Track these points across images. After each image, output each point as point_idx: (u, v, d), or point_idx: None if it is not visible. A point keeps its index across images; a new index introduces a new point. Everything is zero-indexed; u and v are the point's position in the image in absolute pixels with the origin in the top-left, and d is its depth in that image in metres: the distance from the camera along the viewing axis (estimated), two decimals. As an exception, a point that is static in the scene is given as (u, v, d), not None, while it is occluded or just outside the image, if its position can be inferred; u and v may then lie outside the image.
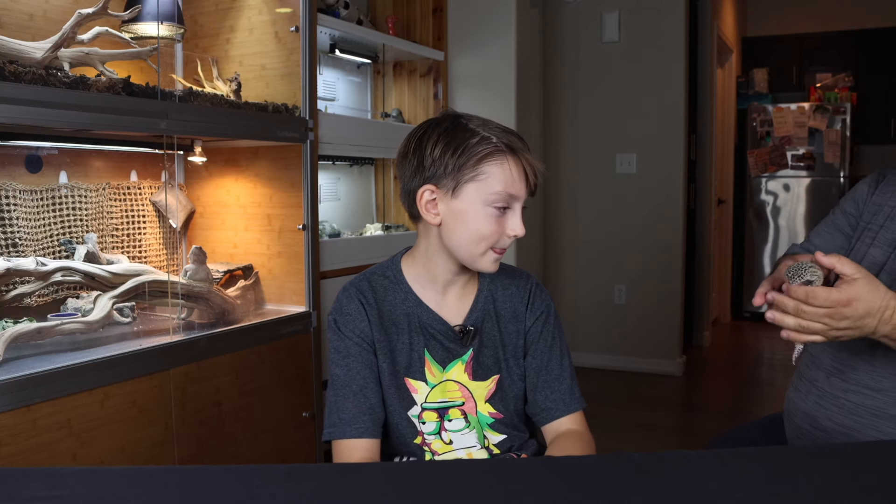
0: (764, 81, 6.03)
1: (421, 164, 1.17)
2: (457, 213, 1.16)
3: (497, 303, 1.27)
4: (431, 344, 1.22)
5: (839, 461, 0.99)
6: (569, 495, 0.88)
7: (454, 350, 1.22)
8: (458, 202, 1.15)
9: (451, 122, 1.17)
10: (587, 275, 4.44)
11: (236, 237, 2.50)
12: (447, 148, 1.14)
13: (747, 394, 4.00)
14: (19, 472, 0.99)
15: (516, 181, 1.14)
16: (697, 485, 0.88)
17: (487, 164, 1.13)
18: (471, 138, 1.14)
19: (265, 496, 0.86)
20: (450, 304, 1.25)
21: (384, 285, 1.24)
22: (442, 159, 1.14)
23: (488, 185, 1.13)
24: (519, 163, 1.15)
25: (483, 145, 1.13)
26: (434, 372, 1.21)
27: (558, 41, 4.37)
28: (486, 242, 1.16)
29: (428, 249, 1.23)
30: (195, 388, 1.98)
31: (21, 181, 1.98)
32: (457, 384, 1.22)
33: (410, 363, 1.21)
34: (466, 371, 1.23)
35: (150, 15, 2.14)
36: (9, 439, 1.54)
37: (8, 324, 1.72)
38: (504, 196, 1.14)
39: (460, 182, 1.14)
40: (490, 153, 1.13)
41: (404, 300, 1.23)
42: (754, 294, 1.21)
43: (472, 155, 1.13)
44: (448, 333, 1.22)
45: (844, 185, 5.65)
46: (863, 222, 1.37)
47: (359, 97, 3.38)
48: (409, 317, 1.22)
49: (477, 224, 1.15)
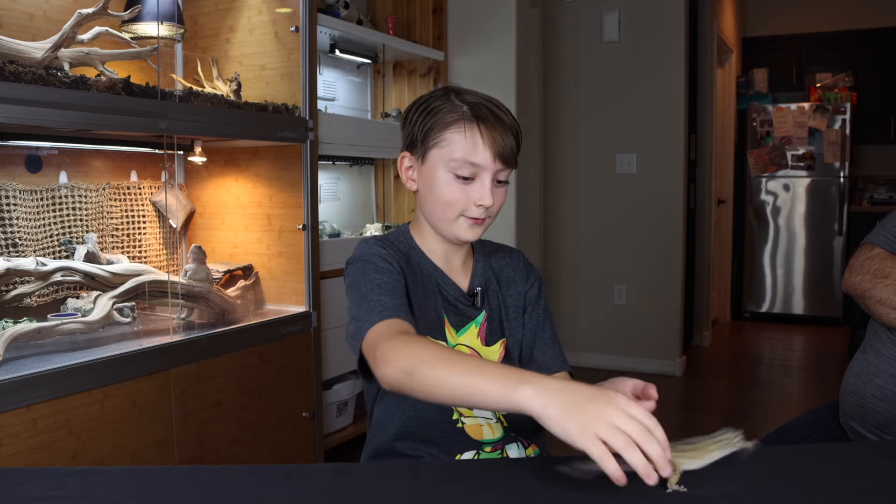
0: (764, 81, 6.03)
1: (403, 131, 1.22)
2: (426, 179, 1.18)
3: (495, 270, 1.30)
4: (447, 306, 1.22)
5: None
6: (570, 495, 0.88)
7: (468, 313, 1.23)
8: (426, 168, 1.18)
9: (439, 93, 1.20)
10: (587, 275, 4.44)
11: (236, 237, 2.50)
12: (420, 115, 1.18)
13: (747, 394, 4.00)
14: (19, 472, 0.99)
15: (479, 150, 1.14)
16: (699, 487, 0.88)
17: (449, 132, 1.15)
18: (443, 106, 1.16)
19: (265, 496, 0.86)
20: (456, 271, 1.26)
21: (401, 248, 1.24)
22: (415, 126, 1.18)
23: (448, 151, 1.15)
24: (484, 131, 1.15)
25: (450, 114, 1.15)
26: (452, 334, 1.22)
27: (558, 41, 4.37)
28: (451, 209, 1.17)
29: (420, 219, 1.25)
30: (195, 388, 1.98)
31: (21, 181, 1.98)
32: (469, 349, 1.23)
33: (431, 323, 1.20)
34: (479, 335, 1.24)
35: (150, 15, 2.14)
36: (9, 439, 1.54)
37: (8, 324, 1.72)
38: (464, 163, 1.14)
39: (427, 148, 1.17)
40: (454, 120, 1.15)
41: (420, 262, 1.23)
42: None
43: (437, 122, 1.15)
44: (460, 297, 1.24)
45: (844, 185, 5.65)
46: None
47: (359, 97, 3.38)
48: (428, 278, 1.23)
49: (441, 190, 1.16)
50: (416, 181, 1.21)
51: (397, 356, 0.96)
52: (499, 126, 1.15)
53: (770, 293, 5.92)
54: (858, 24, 5.97)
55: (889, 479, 0.92)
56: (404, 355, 0.96)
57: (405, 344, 0.98)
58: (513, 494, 0.88)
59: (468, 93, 1.19)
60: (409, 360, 0.94)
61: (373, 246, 1.19)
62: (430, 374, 0.93)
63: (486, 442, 1.20)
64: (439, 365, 0.93)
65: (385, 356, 0.97)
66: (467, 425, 1.19)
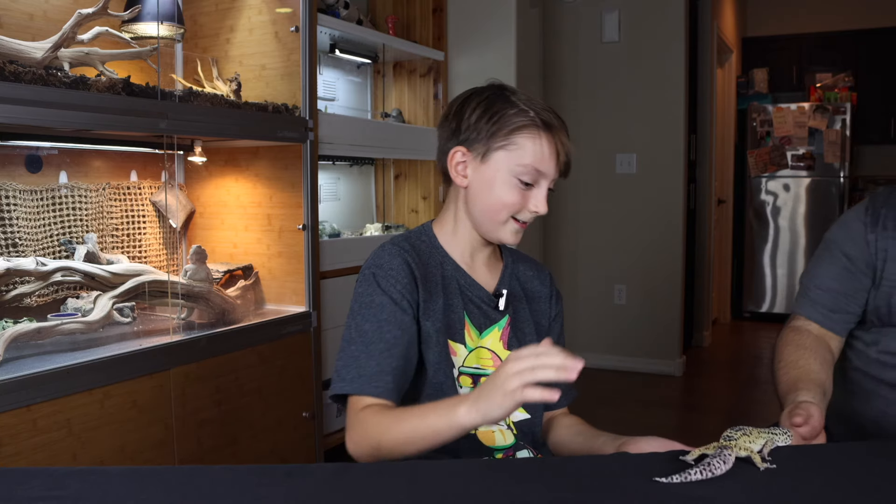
0: (764, 81, 6.03)
1: (458, 126, 1.19)
2: (483, 179, 1.17)
3: (521, 281, 1.30)
4: (470, 307, 1.22)
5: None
6: (570, 495, 0.88)
7: (491, 315, 1.23)
8: (486, 168, 1.17)
9: (494, 92, 1.19)
10: (587, 275, 4.44)
11: (236, 237, 2.50)
12: (484, 114, 1.16)
13: (747, 394, 4.00)
14: (19, 472, 0.99)
15: (546, 158, 1.15)
16: (699, 487, 0.88)
17: (520, 136, 1.15)
18: (509, 108, 1.16)
19: (265, 496, 0.86)
20: (480, 271, 1.26)
21: (423, 248, 1.23)
22: (478, 124, 1.16)
23: (518, 156, 1.15)
24: (552, 141, 1.16)
25: (520, 117, 1.15)
26: (472, 336, 1.21)
27: (558, 41, 4.37)
28: (507, 211, 1.17)
29: (456, 214, 1.24)
30: (195, 388, 1.98)
31: (21, 181, 1.98)
32: (490, 352, 1.22)
33: (452, 325, 1.20)
34: (502, 339, 1.23)
35: (150, 15, 2.14)
36: (9, 439, 1.54)
37: (8, 324, 1.72)
38: (531, 170, 1.15)
39: (491, 148, 1.16)
40: (525, 125, 1.15)
41: (442, 262, 1.22)
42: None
43: (506, 124, 1.15)
44: (485, 298, 1.23)
45: (844, 185, 5.65)
46: (878, 270, 1.37)
47: (359, 97, 3.38)
48: (448, 279, 1.22)
49: (501, 192, 1.16)
50: (467, 177, 1.19)
51: (363, 436, 1.06)
52: (565, 137, 1.18)
53: (770, 293, 5.92)
54: (858, 24, 5.97)
55: (888, 479, 0.92)
56: (368, 433, 1.05)
57: (367, 422, 1.06)
58: (513, 494, 0.88)
59: (522, 93, 1.19)
60: (373, 436, 1.04)
61: (390, 256, 1.17)
62: (391, 438, 1.03)
63: (498, 448, 1.20)
64: (396, 426, 1.03)
65: (352, 437, 1.08)
66: (480, 431, 1.19)
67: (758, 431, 0.96)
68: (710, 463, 0.89)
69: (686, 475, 0.88)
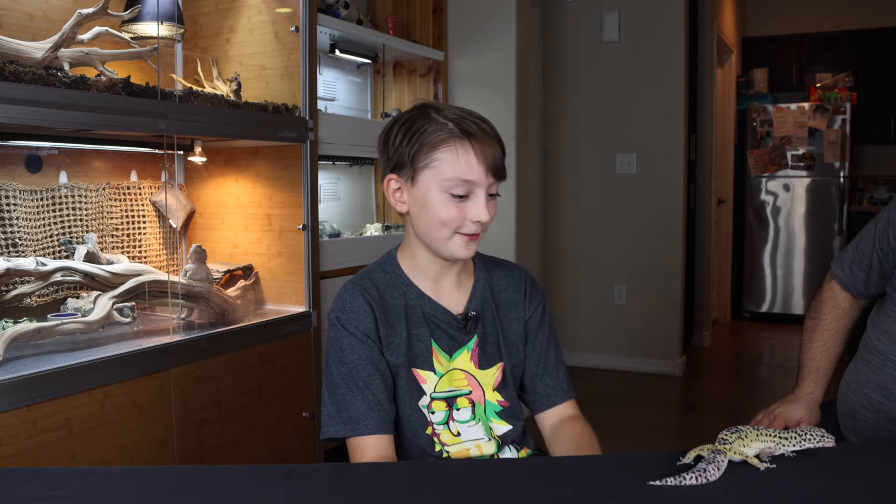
0: (764, 81, 6.03)
1: (386, 153, 1.19)
2: (418, 201, 1.17)
3: (494, 292, 1.28)
4: (437, 333, 1.22)
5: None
6: (569, 495, 0.88)
7: (459, 338, 1.23)
8: (417, 189, 1.16)
9: (416, 112, 1.18)
10: (587, 275, 4.44)
11: (236, 237, 2.50)
12: (405, 136, 1.16)
13: (747, 394, 4.00)
14: (19, 472, 0.99)
15: (473, 167, 1.13)
16: (699, 487, 0.88)
17: (440, 151, 1.13)
18: (428, 125, 1.14)
19: (265, 496, 0.86)
20: (448, 293, 1.25)
21: (385, 280, 1.24)
22: (401, 148, 1.16)
23: (441, 171, 1.14)
24: (474, 148, 1.13)
25: (437, 132, 1.14)
26: (441, 361, 1.22)
27: (558, 41, 4.37)
28: (447, 227, 1.16)
29: (410, 240, 1.24)
30: (195, 388, 1.98)
31: (21, 181, 1.98)
32: (463, 373, 1.23)
33: (418, 354, 1.21)
34: (472, 359, 1.23)
35: (150, 15, 2.14)
36: (9, 439, 1.54)
37: (8, 324, 1.72)
38: (459, 182, 1.13)
39: (417, 169, 1.15)
40: (443, 140, 1.13)
41: (405, 293, 1.23)
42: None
43: (426, 142, 1.14)
44: (451, 322, 1.23)
45: (844, 185, 5.65)
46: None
47: (359, 97, 3.38)
48: (412, 308, 1.22)
49: (436, 210, 1.15)
50: (405, 203, 1.19)
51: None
52: (487, 140, 1.15)
53: (770, 293, 5.92)
54: (858, 24, 5.96)
55: (888, 479, 0.92)
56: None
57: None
58: (512, 494, 0.88)
59: (446, 108, 1.17)
60: None
61: (349, 299, 1.20)
62: None
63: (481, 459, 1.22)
64: None
65: None
66: (452, 453, 1.20)
67: (756, 433, 0.96)
68: (706, 469, 0.89)
69: (681, 479, 0.88)
